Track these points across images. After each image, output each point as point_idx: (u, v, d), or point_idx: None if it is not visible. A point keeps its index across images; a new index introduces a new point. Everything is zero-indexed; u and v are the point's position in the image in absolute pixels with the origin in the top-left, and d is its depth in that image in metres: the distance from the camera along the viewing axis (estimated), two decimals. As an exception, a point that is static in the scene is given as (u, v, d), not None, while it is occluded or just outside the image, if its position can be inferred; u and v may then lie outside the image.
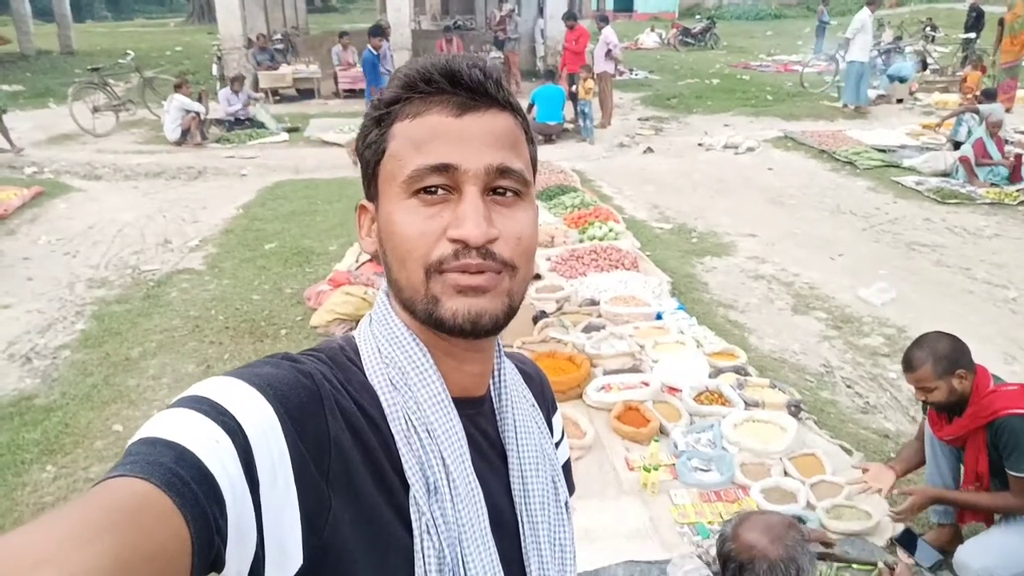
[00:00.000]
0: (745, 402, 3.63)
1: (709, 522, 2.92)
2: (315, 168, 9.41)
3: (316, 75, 14.34)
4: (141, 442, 0.54)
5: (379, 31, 8.70)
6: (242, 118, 11.38)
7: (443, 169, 0.67)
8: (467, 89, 0.69)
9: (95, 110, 11.23)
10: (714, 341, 4.35)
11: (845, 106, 12.40)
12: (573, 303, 4.91)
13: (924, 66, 14.91)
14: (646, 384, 3.77)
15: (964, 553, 2.50)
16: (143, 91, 12.71)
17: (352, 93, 14.26)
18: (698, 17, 30.49)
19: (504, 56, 14.71)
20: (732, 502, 3.03)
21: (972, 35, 15.81)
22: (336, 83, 14.35)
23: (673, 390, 3.78)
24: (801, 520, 2.88)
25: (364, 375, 0.72)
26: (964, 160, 8.07)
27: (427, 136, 0.68)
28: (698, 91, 14.64)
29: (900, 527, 2.90)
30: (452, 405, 0.73)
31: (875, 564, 2.62)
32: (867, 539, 2.89)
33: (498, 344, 0.80)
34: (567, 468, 0.92)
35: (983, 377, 2.45)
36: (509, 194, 0.70)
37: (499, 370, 0.81)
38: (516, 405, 0.81)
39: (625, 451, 3.38)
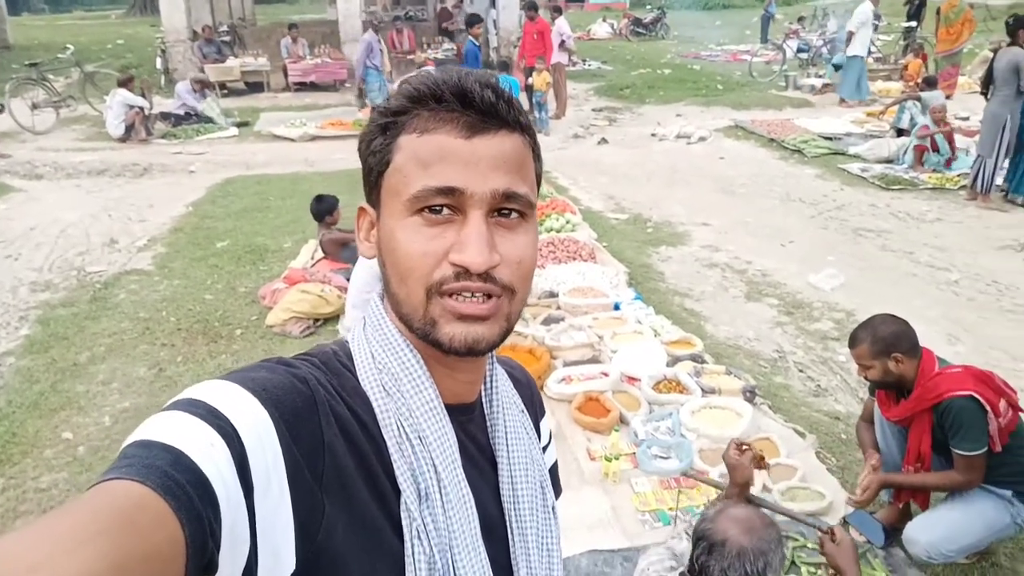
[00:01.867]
0: (702, 389, 3.70)
1: (670, 508, 2.97)
2: (266, 163, 9.24)
3: (265, 68, 14.07)
4: (136, 445, 0.54)
5: (478, 19, 8.25)
6: (190, 113, 11.10)
7: (449, 192, 0.67)
8: (478, 110, 0.68)
9: (34, 107, 10.86)
10: (671, 330, 4.41)
11: (843, 101, 12.26)
12: (532, 296, 4.93)
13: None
14: (606, 374, 3.82)
15: (912, 529, 2.60)
16: (84, 86, 12.31)
17: (303, 86, 14.04)
18: (649, 7, 30.71)
19: (457, 47, 14.61)
20: (692, 488, 3.09)
21: (913, 24, 16.26)
22: (286, 76, 14.10)
23: (632, 379, 3.83)
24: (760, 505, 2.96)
25: (357, 380, 0.73)
26: (921, 148, 8.30)
27: (435, 156, 0.67)
28: (650, 81, 14.78)
29: (851, 506, 3.00)
30: (444, 412, 0.73)
31: (817, 527, 2.69)
32: (821, 519, 2.98)
33: (490, 353, 0.80)
34: (554, 472, 0.93)
35: (929, 360, 2.54)
36: (513, 215, 0.70)
37: (491, 377, 0.82)
38: (507, 412, 0.82)
39: (586, 441, 3.42)
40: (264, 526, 0.57)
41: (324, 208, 5.39)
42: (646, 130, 10.73)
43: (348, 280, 4.67)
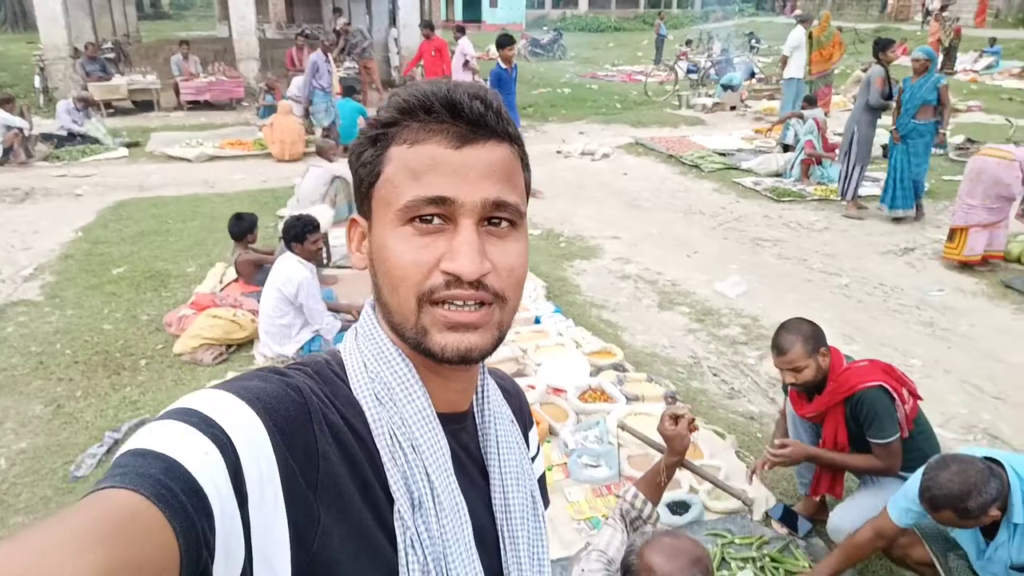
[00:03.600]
0: (626, 397, 3.80)
1: (603, 515, 3.03)
2: (162, 185, 8.82)
3: (155, 86, 13.46)
4: (129, 454, 0.54)
5: (510, 40, 7.61)
6: (74, 133, 10.46)
7: (439, 202, 0.67)
8: (467, 121, 0.69)
9: None
10: (591, 341, 4.51)
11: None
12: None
13: (752, 75, 16.23)
14: (532, 387, 3.86)
15: (836, 518, 2.76)
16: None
17: (196, 104, 13.51)
18: (545, 28, 31.50)
19: (361, 66, 14.46)
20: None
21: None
22: (178, 94, 13.53)
23: (558, 391, 3.89)
24: (687, 505, 3.06)
25: (350, 389, 0.73)
26: (807, 162, 8.86)
27: (425, 166, 0.68)
28: (551, 100, 15.12)
29: (773, 501, 3.15)
30: (437, 421, 0.73)
31: (741, 498, 2.81)
32: (744, 515, 3.12)
33: (482, 363, 0.81)
34: (542, 482, 0.94)
35: (836, 357, 2.72)
36: (504, 224, 0.71)
37: (483, 387, 0.83)
38: (498, 422, 0.83)
39: (517, 455, 3.43)
40: (259, 535, 0.57)
41: (245, 227, 5.21)
42: (551, 147, 10.96)
43: (259, 304, 4.53)
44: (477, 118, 0.69)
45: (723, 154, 10.23)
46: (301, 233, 4.29)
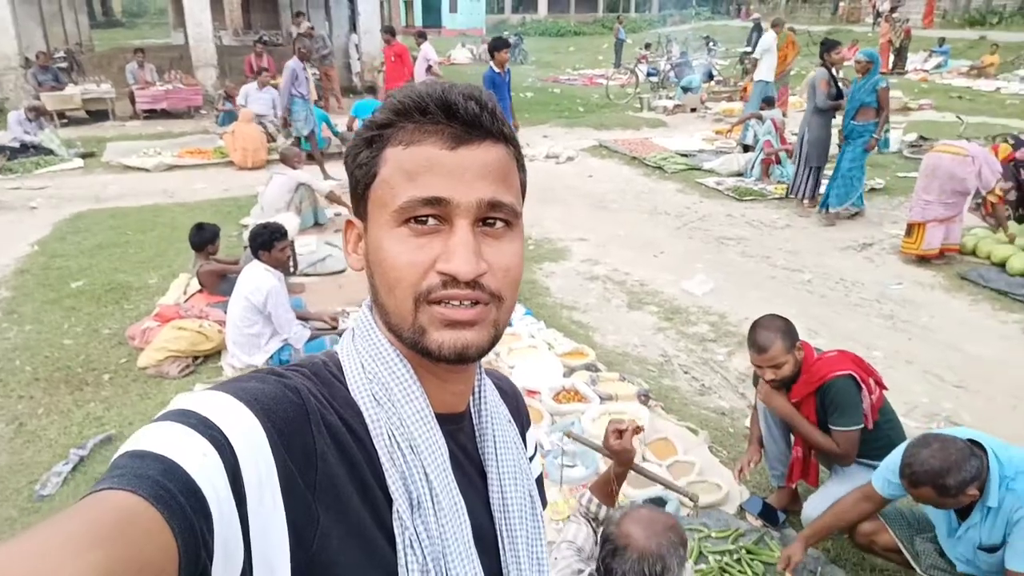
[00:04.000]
0: (600, 396, 3.83)
1: (582, 515, 3.04)
2: (119, 196, 8.63)
3: (110, 95, 13.15)
4: (128, 455, 0.54)
5: (504, 44, 7.51)
6: (27, 145, 10.18)
7: (435, 202, 0.68)
8: (462, 122, 0.69)
9: None
10: (563, 342, 4.54)
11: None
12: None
13: (710, 77, 16.49)
14: (506, 390, 3.86)
15: (809, 508, 2.81)
16: None
17: (153, 113, 13.25)
18: (506, 33, 31.58)
19: (322, 72, 14.34)
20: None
21: (749, 49, 17.70)
22: (133, 103, 13.25)
23: (532, 392, 3.90)
24: (663, 501, 3.09)
25: (347, 390, 0.72)
26: (767, 161, 9.03)
27: (421, 167, 0.68)
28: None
29: (747, 494, 3.20)
30: (435, 421, 0.73)
31: (688, 495, 2.85)
32: (720, 508, 3.17)
33: (478, 363, 0.81)
34: (539, 482, 0.95)
35: (807, 349, 2.78)
36: (499, 224, 0.71)
37: (480, 387, 0.83)
38: (495, 422, 0.83)
39: (494, 458, 3.43)
40: (257, 536, 0.57)
41: (206, 237, 5.12)
42: (515, 151, 10.97)
43: (226, 313, 4.46)
44: (472, 119, 0.69)
45: (685, 155, 10.37)
46: (268, 241, 4.23)
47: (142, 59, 13.54)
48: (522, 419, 0.94)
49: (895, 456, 2.31)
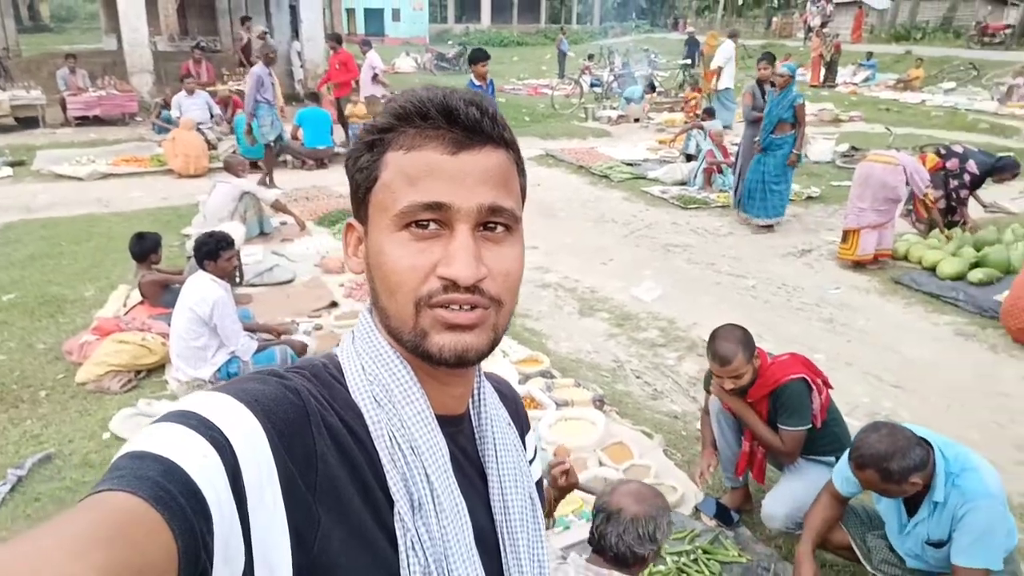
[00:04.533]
0: (555, 403, 3.85)
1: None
2: (51, 205, 8.30)
3: (40, 101, 12.65)
4: (128, 456, 0.54)
5: (483, 55, 7.02)
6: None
7: (436, 207, 0.68)
8: (463, 127, 0.69)
9: None
10: (518, 349, 4.55)
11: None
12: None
13: (652, 88, 16.83)
14: (462, 398, 3.85)
15: (768, 506, 2.88)
16: None
17: (85, 120, 12.79)
18: (450, 43, 31.64)
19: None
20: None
21: (688, 61, 18.16)
22: (65, 110, 12.77)
23: (488, 401, 3.89)
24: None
25: (347, 392, 0.72)
26: (709, 170, 9.25)
27: (422, 172, 0.68)
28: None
29: (702, 496, 3.27)
30: (436, 422, 0.73)
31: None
32: (676, 510, 3.22)
33: (478, 366, 0.81)
34: (539, 485, 0.95)
35: (763, 355, 2.86)
36: (500, 229, 0.71)
37: (479, 390, 0.83)
38: (495, 425, 0.83)
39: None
40: (258, 538, 0.57)
41: (147, 246, 4.96)
42: (463, 160, 10.99)
43: (170, 326, 4.32)
44: (473, 124, 0.69)
45: (630, 164, 10.55)
46: (214, 250, 4.13)
47: (74, 64, 13.09)
48: (521, 422, 0.95)
49: (848, 454, 2.39)
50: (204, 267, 4.16)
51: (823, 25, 24.43)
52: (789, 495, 2.77)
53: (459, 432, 0.80)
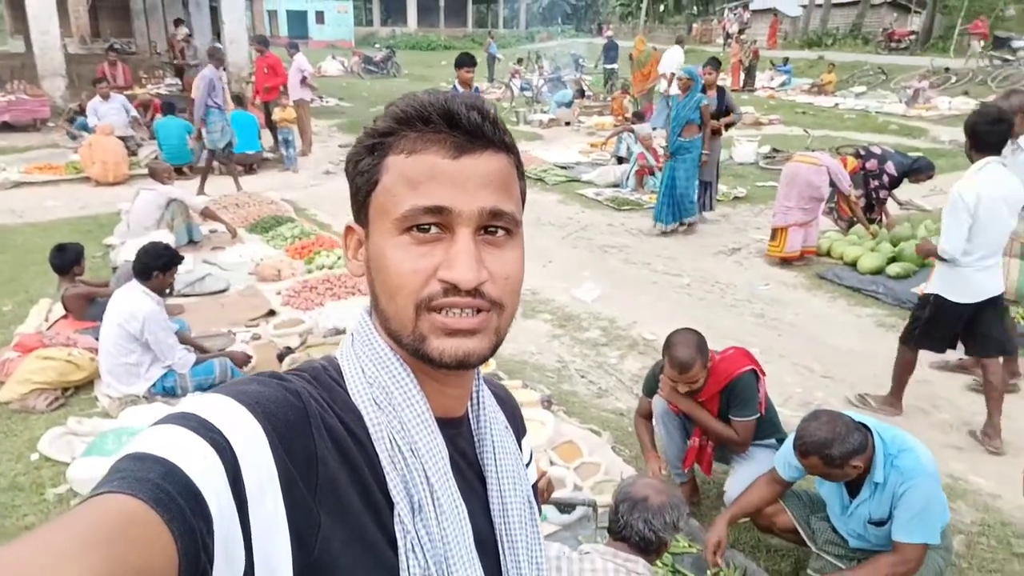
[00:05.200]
0: (504, 405, 3.86)
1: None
2: (-42, 217, 7.81)
3: (-60, 106, 11.88)
4: (128, 458, 0.54)
5: (469, 61, 6.70)
6: None
7: (437, 211, 0.68)
8: (464, 131, 0.69)
9: None
10: (463, 353, 4.54)
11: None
12: (317, 335, 4.76)
13: (582, 93, 17.08)
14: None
15: (733, 490, 2.97)
16: None
17: (3, 126, 12.08)
18: (377, 46, 31.30)
19: (186, 83, 13.62)
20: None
21: (615, 66, 18.51)
22: (-31, 115, 12.03)
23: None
24: (570, 507, 3.14)
25: (347, 395, 0.73)
26: (640, 172, 9.45)
27: (423, 176, 0.68)
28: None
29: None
30: (436, 425, 0.74)
31: (586, 503, 2.98)
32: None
33: (476, 369, 0.81)
34: (535, 488, 0.95)
35: (712, 355, 2.95)
36: (500, 233, 0.72)
37: (478, 392, 0.83)
38: (493, 428, 0.83)
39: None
40: (259, 539, 0.57)
41: (69, 258, 4.72)
42: (396, 165, 10.90)
43: (97, 340, 4.14)
44: (474, 128, 0.70)
45: (564, 167, 10.68)
46: (168, 264, 3.99)
47: (-23, 67, 12.34)
48: (518, 426, 0.95)
49: (789, 442, 2.50)
50: (143, 279, 3.98)
51: (741, 31, 25.36)
52: (749, 477, 2.87)
53: (458, 434, 0.80)
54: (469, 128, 0.70)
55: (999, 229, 3.59)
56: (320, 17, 38.87)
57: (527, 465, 0.94)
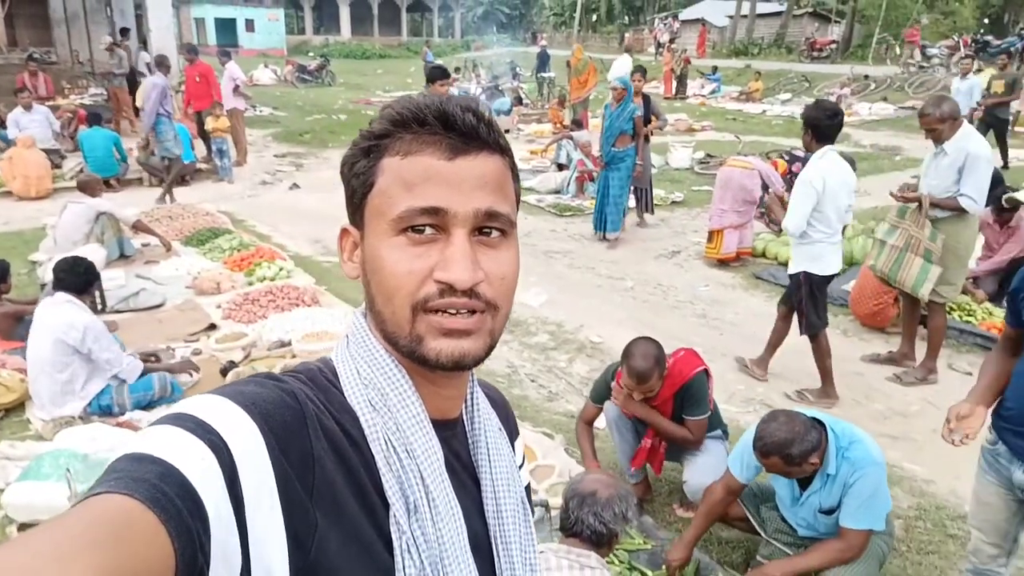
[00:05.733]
0: (457, 411, 3.86)
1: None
2: None
3: None
4: (125, 458, 0.54)
5: (443, 74, 6.46)
6: None
7: (433, 212, 0.69)
8: (459, 133, 0.70)
9: None
10: (413, 361, 4.52)
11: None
12: (261, 348, 4.66)
13: (520, 101, 17.23)
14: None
15: (694, 481, 3.05)
16: None
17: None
18: (311, 55, 30.87)
19: (110, 93, 13.15)
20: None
21: (552, 75, 18.72)
22: None
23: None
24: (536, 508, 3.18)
25: (343, 396, 0.73)
26: (581, 179, 9.58)
27: (419, 177, 0.69)
28: (328, 126, 14.87)
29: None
30: (431, 426, 0.74)
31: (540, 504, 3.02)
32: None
33: (471, 371, 0.82)
34: (527, 490, 0.96)
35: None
36: (495, 234, 0.72)
37: (472, 395, 0.84)
38: (488, 430, 0.84)
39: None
40: (256, 540, 0.57)
41: (-5, 276, 4.51)
42: (335, 174, 10.71)
43: (26, 359, 3.96)
44: (469, 130, 0.70)
45: (504, 174, 10.72)
46: (88, 281, 3.86)
47: None
48: (511, 428, 0.96)
49: (746, 440, 2.58)
50: (78, 292, 3.84)
51: (672, 41, 25.98)
52: (708, 467, 2.97)
53: (453, 436, 0.81)
54: (464, 130, 0.70)
55: (839, 206, 4.07)
56: (250, 25, 38.06)
57: (520, 467, 0.95)
